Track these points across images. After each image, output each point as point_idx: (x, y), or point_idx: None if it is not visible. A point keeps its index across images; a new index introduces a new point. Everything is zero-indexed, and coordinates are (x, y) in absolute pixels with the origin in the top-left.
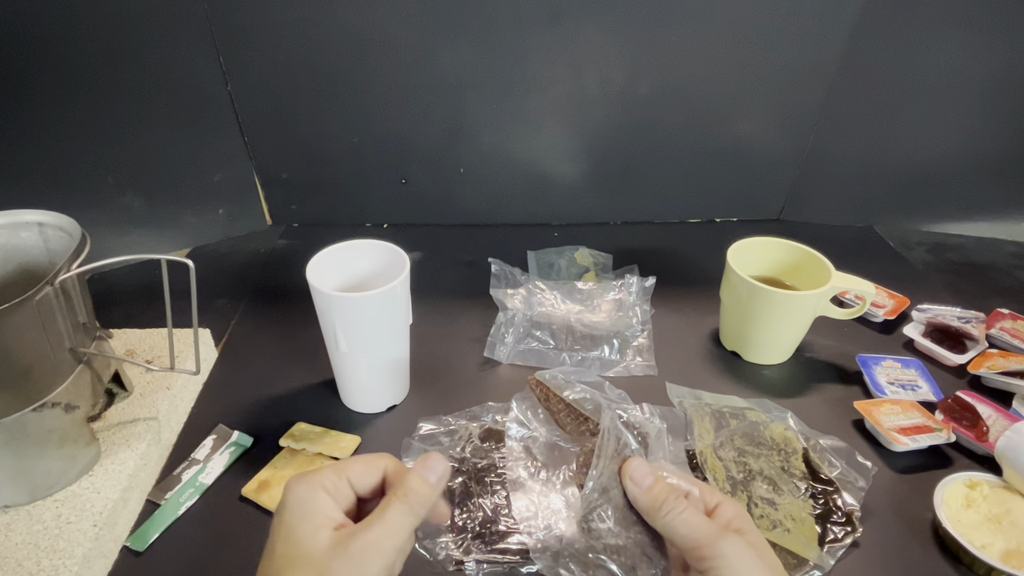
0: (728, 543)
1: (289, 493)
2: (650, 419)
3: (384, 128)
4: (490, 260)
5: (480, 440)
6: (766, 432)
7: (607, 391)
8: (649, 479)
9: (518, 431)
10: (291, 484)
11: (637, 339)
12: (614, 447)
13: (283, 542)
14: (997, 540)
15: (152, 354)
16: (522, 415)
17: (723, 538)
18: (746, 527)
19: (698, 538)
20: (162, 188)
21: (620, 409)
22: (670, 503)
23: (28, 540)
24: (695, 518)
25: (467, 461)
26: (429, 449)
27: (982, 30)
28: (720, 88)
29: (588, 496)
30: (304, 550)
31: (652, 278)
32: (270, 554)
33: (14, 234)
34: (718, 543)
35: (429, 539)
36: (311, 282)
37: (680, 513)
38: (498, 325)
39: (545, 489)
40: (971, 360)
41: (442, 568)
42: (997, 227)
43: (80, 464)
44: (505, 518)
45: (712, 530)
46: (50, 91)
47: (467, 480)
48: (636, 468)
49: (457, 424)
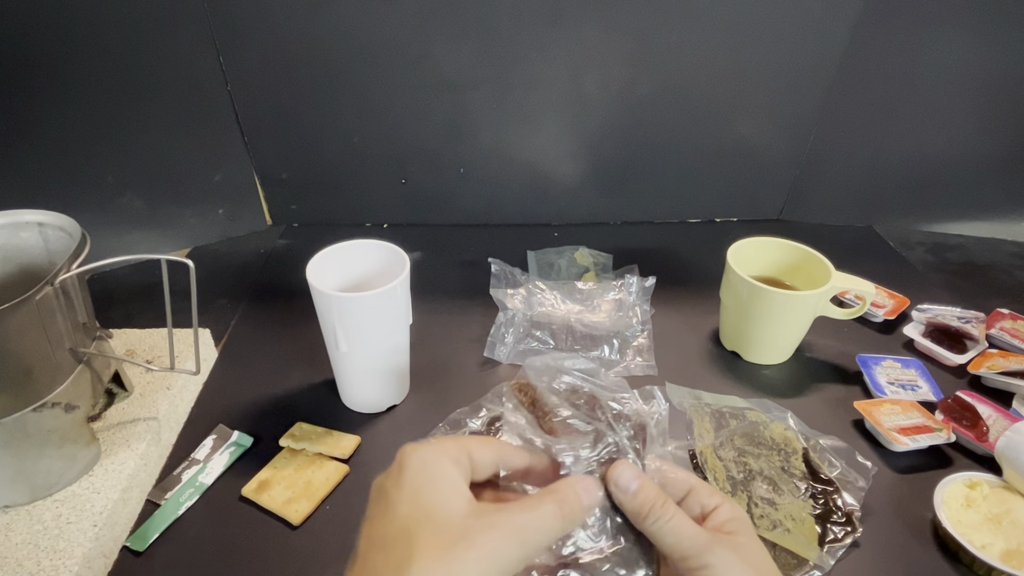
0: (714, 554)
1: (412, 455)
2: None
3: (384, 128)
4: (490, 260)
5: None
6: (766, 432)
7: (602, 378)
8: (635, 483)
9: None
10: (412, 448)
11: (637, 339)
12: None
13: (408, 502)
14: (997, 540)
15: (152, 354)
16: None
17: (710, 549)
18: (740, 529)
19: (685, 547)
20: (162, 188)
21: (615, 400)
22: (657, 510)
23: (28, 540)
24: (683, 526)
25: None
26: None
27: (982, 30)
28: (720, 88)
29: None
30: (438, 512)
31: (652, 278)
32: (389, 514)
33: (14, 234)
34: (704, 554)
35: None
36: (311, 282)
37: (668, 521)
38: (498, 325)
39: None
40: (971, 360)
41: None
42: (997, 227)
43: (80, 464)
44: None
45: (700, 540)
46: (50, 91)
47: None
48: (621, 473)
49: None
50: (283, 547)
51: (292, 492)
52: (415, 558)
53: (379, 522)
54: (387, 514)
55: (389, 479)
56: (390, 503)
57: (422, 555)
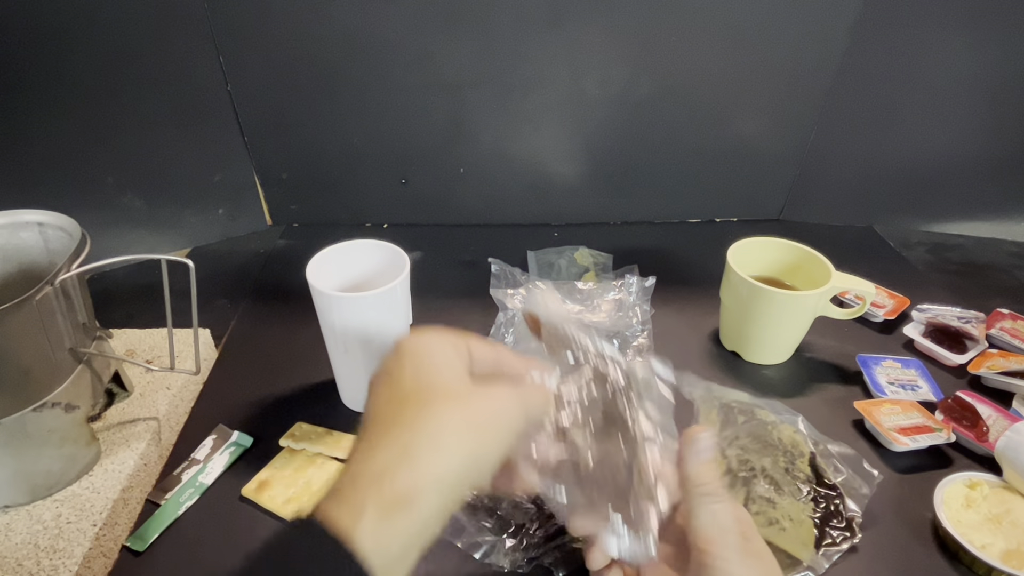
0: (734, 553)
1: (413, 339)
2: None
3: (384, 128)
4: (490, 260)
5: None
6: (774, 433)
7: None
8: (710, 454)
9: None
10: (414, 334)
11: (637, 339)
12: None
13: (411, 378)
14: (997, 540)
15: (152, 354)
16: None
17: (735, 548)
18: (750, 534)
19: (712, 537)
20: (162, 188)
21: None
22: (712, 486)
23: (28, 540)
24: (724, 517)
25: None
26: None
27: (982, 30)
28: (720, 88)
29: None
30: (443, 382)
31: (652, 278)
32: (394, 386)
33: (14, 234)
34: (726, 551)
35: (494, 554)
36: (311, 282)
37: (715, 502)
38: (498, 325)
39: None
40: (971, 360)
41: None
42: (997, 227)
43: (80, 464)
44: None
45: (729, 539)
46: (50, 91)
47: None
48: (703, 438)
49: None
50: None
51: (292, 492)
52: (433, 403)
53: (384, 392)
54: (392, 387)
55: (390, 361)
56: (393, 379)
57: (439, 401)
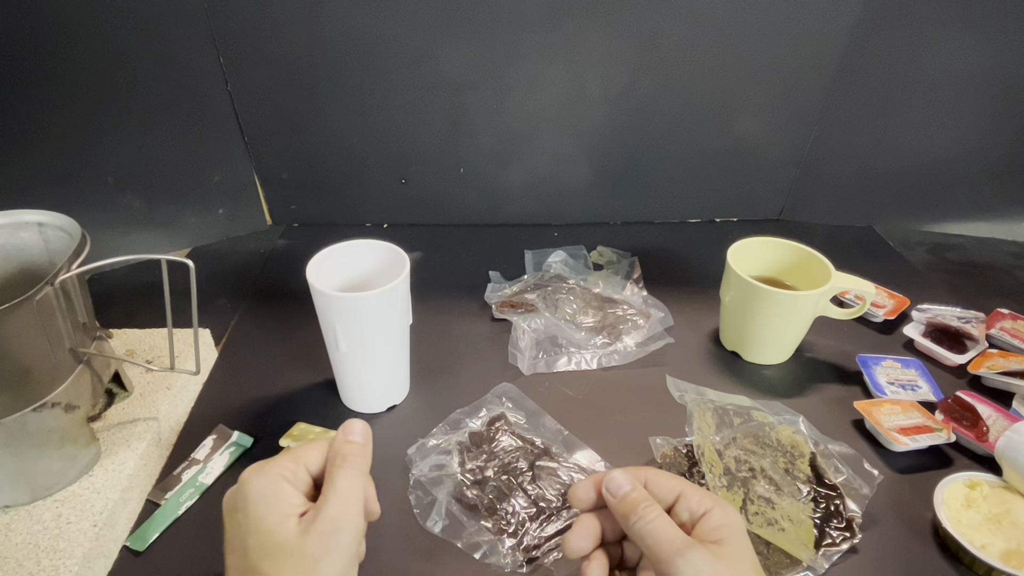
0: (685, 560)
1: (249, 486)
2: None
3: (384, 128)
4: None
5: (474, 446)
6: (772, 433)
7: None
8: (626, 487)
9: None
10: (249, 477)
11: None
12: None
13: (254, 535)
14: (997, 540)
15: (152, 354)
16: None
17: (682, 554)
18: (728, 537)
19: (659, 550)
20: (162, 188)
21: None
22: (639, 511)
23: (28, 540)
24: (661, 529)
25: (482, 469)
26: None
27: (982, 30)
28: (720, 88)
29: None
30: (277, 539)
31: (635, 259)
32: (240, 549)
33: (14, 234)
34: (675, 559)
35: (494, 554)
36: (311, 282)
37: (649, 522)
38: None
39: None
40: (971, 360)
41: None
42: (997, 227)
43: (80, 464)
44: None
45: (674, 544)
46: (50, 91)
47: (496, 483)
48: (613, 478)
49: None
50: None
51: None
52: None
53: (233, 557)
54: (239, 551)
55: (234, 512)
56: (239, 538)
57: (278, 563)
